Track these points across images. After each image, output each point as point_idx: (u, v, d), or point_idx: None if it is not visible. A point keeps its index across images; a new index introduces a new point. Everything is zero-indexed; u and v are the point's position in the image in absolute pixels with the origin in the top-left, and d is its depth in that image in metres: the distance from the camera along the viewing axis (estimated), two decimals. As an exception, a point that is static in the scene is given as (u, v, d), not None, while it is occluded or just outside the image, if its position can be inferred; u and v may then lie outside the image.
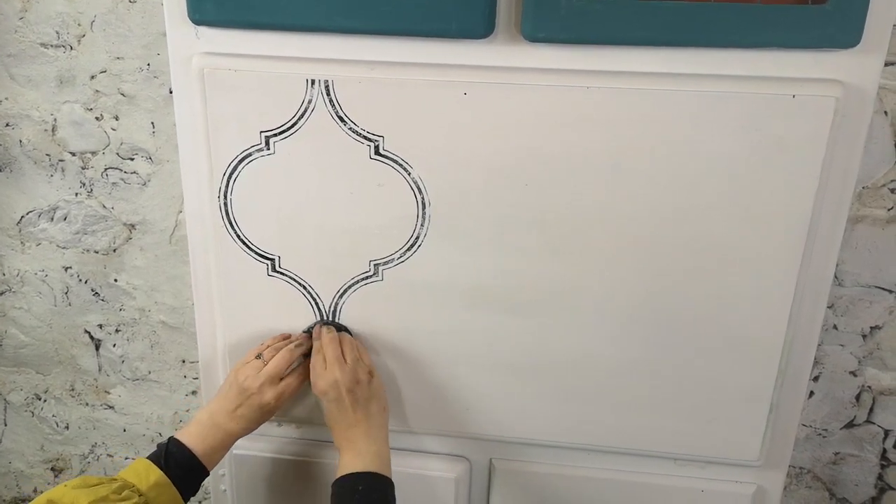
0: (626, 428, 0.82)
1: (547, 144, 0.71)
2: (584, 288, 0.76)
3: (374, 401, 0.77)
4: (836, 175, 0.70)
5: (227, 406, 0.76)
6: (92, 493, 0.65)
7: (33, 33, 1.09)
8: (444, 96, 0.70)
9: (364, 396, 0.76)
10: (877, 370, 1.16)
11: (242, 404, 0.76)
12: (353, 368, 0.77)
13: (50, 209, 1.21)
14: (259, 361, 0.78)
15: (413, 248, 0.77)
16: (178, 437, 0.74)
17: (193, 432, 0.75)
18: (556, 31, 0.66)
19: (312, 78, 0.71)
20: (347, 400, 0.75)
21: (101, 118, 1.14)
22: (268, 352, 0.79)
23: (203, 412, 0.77)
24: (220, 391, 0.79)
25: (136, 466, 0.71)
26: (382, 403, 0.79)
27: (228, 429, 0.76)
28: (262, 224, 0.78)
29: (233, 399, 0.76)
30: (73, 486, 0.66)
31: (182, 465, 0.72)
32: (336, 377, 0.75)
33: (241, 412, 0.76)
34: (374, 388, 0.78)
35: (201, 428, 0.75)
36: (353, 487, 0.71)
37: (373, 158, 0.74)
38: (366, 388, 0.77)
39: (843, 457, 1.23)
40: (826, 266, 0.75)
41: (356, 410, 0.76)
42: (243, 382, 0.76)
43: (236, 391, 0.77)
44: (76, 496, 0.64)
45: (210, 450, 0.74)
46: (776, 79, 0.67)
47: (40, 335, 1.31)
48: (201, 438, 0.74)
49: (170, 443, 0.74)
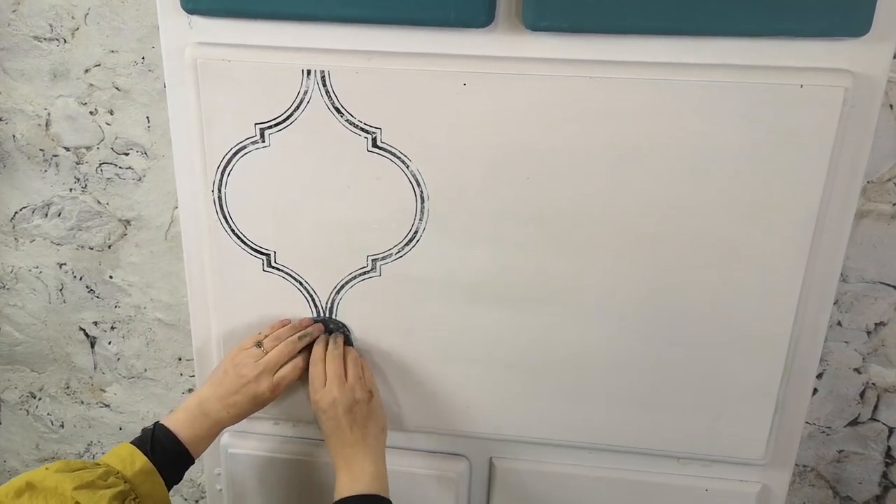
0: (628, 426, 0.81)
1: (548, 137, 0.70)
2: (585, 283, 0.75)
3: (372, 421, 0.76)
4: (845, 168, 0.69)
5: (219, 392, 0.74)
6: (76, 479, 0.62)
7: (26, 26, 1.08)
8: (444, 87, 0.69)
9: (362, 416, 0.75)
10: (881, 367, 1.15)
11: (237, 392, 0.74)
12: (353, 387, 0.75)
13: (44, 205, 1.20)
14: (259, 350, 0.76)
15: (411, 243, 0.76)
16: (165, 422, 0.72)
17: (181, 419, 0.72)
18: (559, 20, 0.65)
19: (308, 68, 0.69)
20: (345, 420, 0.74)
21: (96, 113, 1.12)
22: (268, 341, 0.77)
23: (192, 398, 0.74)
24: (213, 377, 0.76)
25: (120, 451, 0.68)
26: (381, 424, 0.77)
27: (218, 417, 0.73)
28: (257, 218, 0.77)
29: (227, 386, 0.74)
30: (55, 469, 0.63)
31: (168, 451, 0.70)
32: (335, 396, 0.74)
33: (233, 400, 0.74)
34: (374, 408, 0.77)
35: (189, 415, 0.73)
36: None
37: (370, 151, 0.72)
38: (364, 407, 0.75)
39: (847, 454, 1.22)
40: (833, 262, 0.74)
41: (353, 430, 0.74)
42: (241, 370, 0.75)
43: (232, 378, 0.75)
44: (59, 480, 0.61)
45: (197, 438, 0.72)
46: (784, 68, 0.66)
47: (35, 332, 1.30)
48: (189, 425, 0.72)
49: (156, 428, 0.71)
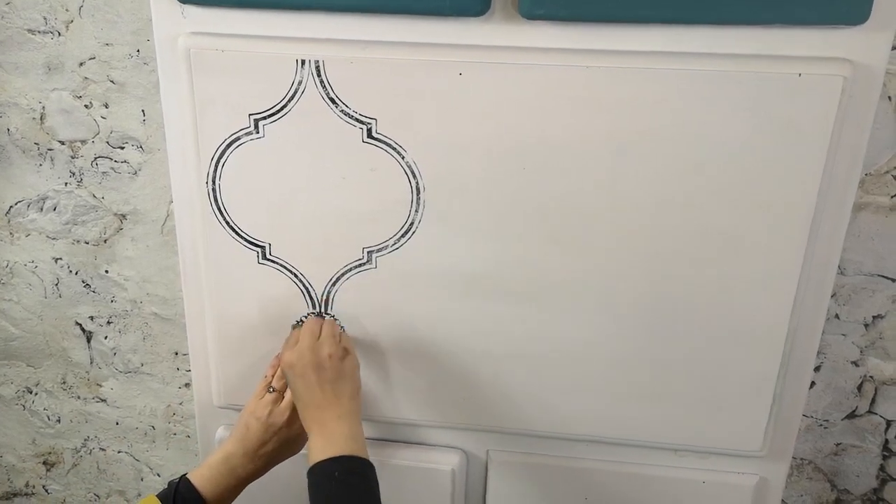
0: (626, 418, 0.81)
1: (545, 127, 0.69)
2: (582, 276, 0.75)
3: (344, 381, 0.72)
4: (843, 158, 0.69)
5: (248, 447, 0.73)
6: None
7: (20, 19, 1.07)
8: (439, 77, 0.68)
9: (334, 374, 0.72)
10: (879, 360, 1.15)
11: (268, 441, 0.73)
12: (324, 343, 0.73)
13: (39, 199, 1.19)
14: (274, 394, 0.75)
15: (407, 235, 0.75)
16: (191, 477, 0.71)
17: (206, 475, 0.72)
18: (555, 8, 0.64)
19: (302, 58, 0.69)
20: (314, 377, 0.71)
21: (91, 106, 1.12)
22: (277, 381, 0.76)
23: (218, 454, 0.74)
24: (236, 433, 0.74)
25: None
26: (356, 384, 0.74)
27: (245, 472, 0.73)
28: (251, 210, 0.76)
29: (255, 439, 0.73)
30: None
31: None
32: (304, 349, 0.72)
33: (266, 450, 0.73)
34: (347, 367, 0.73)
35: (213, 472, 0.72)
36: (329, 474, 0.67)
37: (365, 142, 0.72)
38: (337, 364, 0.72)
39: (845, 447, 1.22)
40: (831, 253, 0.74)
41: (324, 390, 0.71)
42: (267, 419, 0.73)
43: (260, 429, 0.73)
44: None
45: (220, 497, 0.71)
46: (782, 57, 0.65)
47: (31, 327, 1.30)
48: (214, 483, 0.71)
49: (181, 483, 0.71)
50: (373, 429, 0.86)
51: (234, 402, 0.84)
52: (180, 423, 1.35)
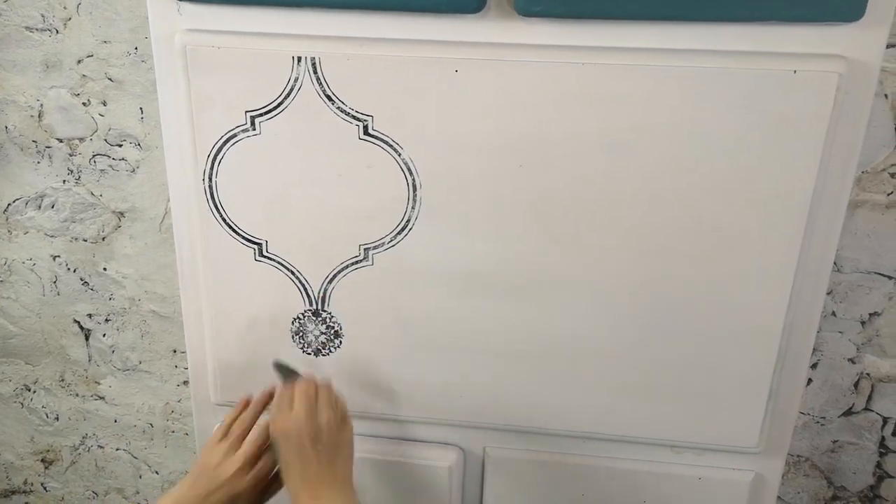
0: (622, 415, 0.81)
1: (541, 123, 0.69)
2: (578, 272, 0.75)
3: (341, 451, 0.69)
4: (838, 155, 0.69)
5: (193, 493, 0.68)
6: None
7: (18, 16, 1.07)
8: (435, 74, 0.68)
9: (330, 445, 0.68)
10: (876, 357, 1.15)
11: (215, 492, 0.68)
12: (323, 411, 0.69)
13: (37, 197, 1.19)
14: (226, 443, 0.70)
15: (404, 232, 0.75)
16: None
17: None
18: (551, 5, 0.64)
19: (299, 55, 0.69)
20: (310, 447, 0.67)
21: (89, 104, 1.12)
22: (236, 428, 0.71)
23: (167, 498, 0.68)
24: (190, 474, 0.70)
25: None
26: (351, 452, 0.71)
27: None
28: (248, 207, 0.76)
29: (202, 486, 0.68)
30: None
31: None
32: (301, 417, 0.67)
33: (212, 501, 0.68)
34: (344, 437, 0.70)
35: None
36: None
37: (361, 139, 0.72)
38: (335, 435, 0.69)
39: (842, 445, 1.22)
40: (826, 250, 0.74)
41: (320, 461, 0.67)
42: (217, 469, 0.69)
43: (207, 478, 0.69)
44: None
45: None
46: (777, 54, 0.65)
47: (29, 325, 1.30)
48: None
49: None
50: (369, 426, 0.86)
51: (232, 400, 0.84)
52: (178, 420, 1.35)
